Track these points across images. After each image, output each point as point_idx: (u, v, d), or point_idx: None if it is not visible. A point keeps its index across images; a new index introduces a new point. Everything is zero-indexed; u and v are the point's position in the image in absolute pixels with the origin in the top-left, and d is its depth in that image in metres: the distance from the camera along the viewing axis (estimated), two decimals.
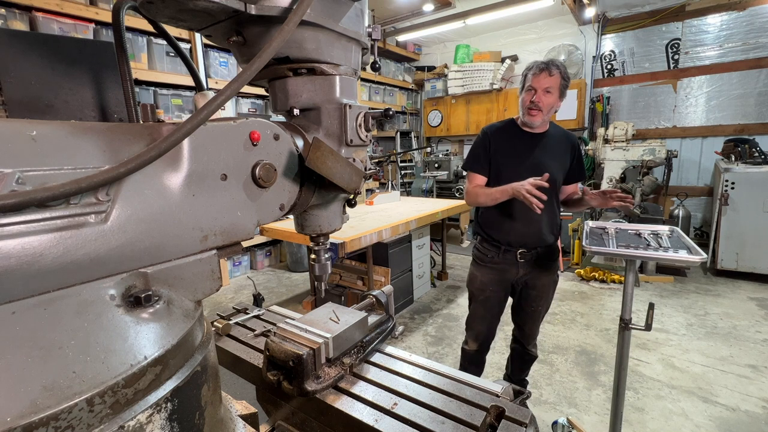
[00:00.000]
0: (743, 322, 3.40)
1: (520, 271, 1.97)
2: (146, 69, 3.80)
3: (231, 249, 0.61)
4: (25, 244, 0.37)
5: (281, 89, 0.75)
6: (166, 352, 0.47)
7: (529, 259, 1.95)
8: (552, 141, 1.93)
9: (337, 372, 0.82)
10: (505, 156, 1.91)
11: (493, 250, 1.98)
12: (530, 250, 1.94)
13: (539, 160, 1.88)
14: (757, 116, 5.02)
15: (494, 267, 1.99)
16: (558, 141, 1.94)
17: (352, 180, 0.74)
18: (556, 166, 1.89)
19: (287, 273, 5.10)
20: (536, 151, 1.90)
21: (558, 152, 1.93)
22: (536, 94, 1.79)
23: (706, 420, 2.25)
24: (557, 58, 6.07)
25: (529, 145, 1.90)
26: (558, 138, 1.95)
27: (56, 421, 0.36)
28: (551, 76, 1.77)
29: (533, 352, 2.22)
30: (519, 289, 2.08)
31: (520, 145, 1.91)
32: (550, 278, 2.05)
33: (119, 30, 0.71)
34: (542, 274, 2.01)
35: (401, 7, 5.71)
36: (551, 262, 2.03)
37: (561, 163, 1.93)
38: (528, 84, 1.82)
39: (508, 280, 2.01)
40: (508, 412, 0.71)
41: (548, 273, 2.03)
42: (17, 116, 0.65)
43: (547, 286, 2.05)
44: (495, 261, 1.98)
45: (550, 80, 1.77)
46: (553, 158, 1.91)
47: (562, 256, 5.05)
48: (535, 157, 1.89)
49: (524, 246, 1.93)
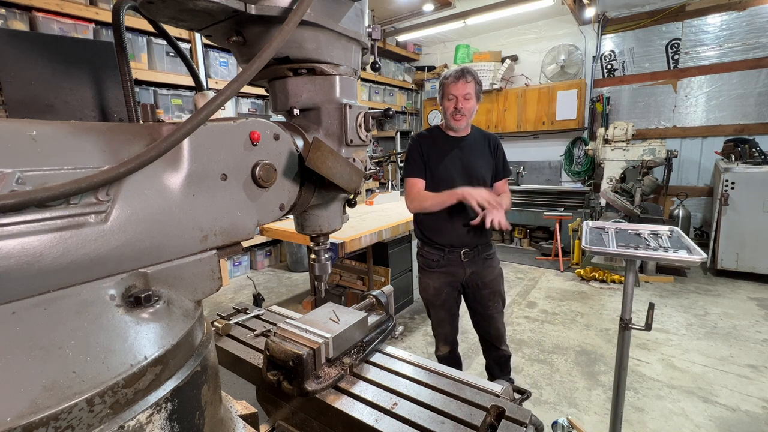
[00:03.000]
0: (743, 322, 3.40)
1: (467, 271, 2.05)
2: (146, 69, 3.79)
3: (231, 249, 0.61)
4: (25, 244, 0.37)
5: (281, 89, 0.75)
6: (166, 352, 0.47)
7: (472, 258, 2.03)
8: (475, 142, 2.04)
9: (337, 372, 0.82)
10: (436, 160, 2.01)
11: (438, 254, 2.04)
12: (472, 248, 2.02)
13: (468, 161, 2.00)
14: (757, 116, 5.01)
15: (442, 271, 2.06)
16: (480, 142, 2.06)
17: (352, 180, 0.74)
18: (483, 165, 2.03)
19: (287, 273, 5.10)
20: (464, 154, 2.01)
21: (482, 152, 2.04)
22: (458, 101, 1.91)
23: (706, 420, 2.25)
24: (558, 57, 6.09)
25: (456, 149, 2.00)
26: (479, 139, 2.06)
27: (56, 421, 0.36)
28: (467, 83, 1.89)
29: (506, 351, 2.24)
30: (470, 293, 2.13)
31: (448, 149, 2.01)
32: (494, 272, 2.12)
33: (119, 30, 0.71)
34: (486, 270, 2.08)
35: (401, 7, 5.70)
36: (491, 257, 2.12)
37: (487, 162, 2.05)
38: (448, 92, 1.92)
39: (457, 280, 2.08)
40: (508, 412, 0.71)
41: (492, 267, 2.11)
42: (17, 116, 0.65)
43: (495, 281, 2.11)
44: (441, 264, 2.05)
45: (466, 86, 1.89)
46: (480, 158, 2.03)
47: (562, 256, 5.05)
48: (464, 159, 2.00)
49: (466, 245, 2.01)
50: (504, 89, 6.41)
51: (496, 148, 2.08)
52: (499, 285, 2.14)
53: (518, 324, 3.50)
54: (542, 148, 6.58)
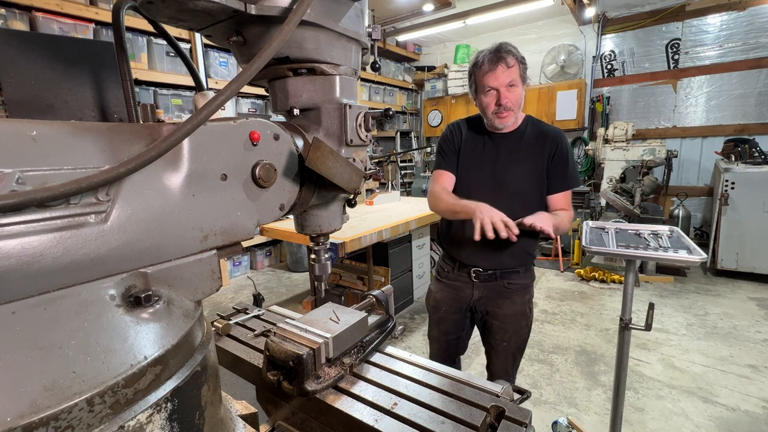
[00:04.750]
0: (743, 322, 3.40)
1: (475, 293, 1.70)
2: (146, 69, 3.79)
3: (231, 249, 0.61)
4: (25, 244, 0.37)
5: (281, 89, 0.75)
6: (166, 352, 0.47)
7: (485, 281, 1.67)
8: (522, 141, 1.60)
9: (337, 372, 0.82)
10: (467, 158, 1.65)
11: (449, 265, 1.76)
12: (485, 270, 1.66)
13: (501, 165, 1.59)
14: (757, 116, 5.02)
15: (449, 284, 1.76)
16: (531, 140, 1.59)
17: (352, 180, 0.74)
18: (522, 173, 1.58)
19: (287, 273, 5.10)
20: (500, 155, 1.60)
21: (529, 155, 1.58)
22: (500, 95, 1.49)
23: (706, 420, 2.25)
24: (558, 57, 6.08)
25: (494, 148, 1.62)
26: (531, 137, 1.60)
27: (56, 421, 0.36)
28: (509, 67, 1.46)
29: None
30: (480, 318, 1.79)
31: (483, 146, 1.63)
32: (515, 309, 1.69)
33: (119, 30, 0.71)
34: (504, 302, 1.69)
35: (401, 7, 5.70)
36: (517, 292, 1.69)
37: (532, 169, 1.58)
38: (484, 84, 1.51)
39: (463, 300, 1.74)
40: (508, 412, 0.71)
41: (512, 303, 1.69)
42: (17, 116, 0.65)
43: (512, 318, 1.70)
44: (450, 278, 1.76)
45: (509, 72, 1.47)
46: (521, 163, 1.58)
47: (562, 256, 5.05)
48: (498, 161, 1.60)
49: (478, 265, 1.66)
50: None
51: (554, 150, 1.56)
52: (518, 324, 1.71)
53: None
54: None
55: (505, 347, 1.74)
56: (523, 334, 1.74)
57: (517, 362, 1.81)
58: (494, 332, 1.75)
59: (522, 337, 1.75)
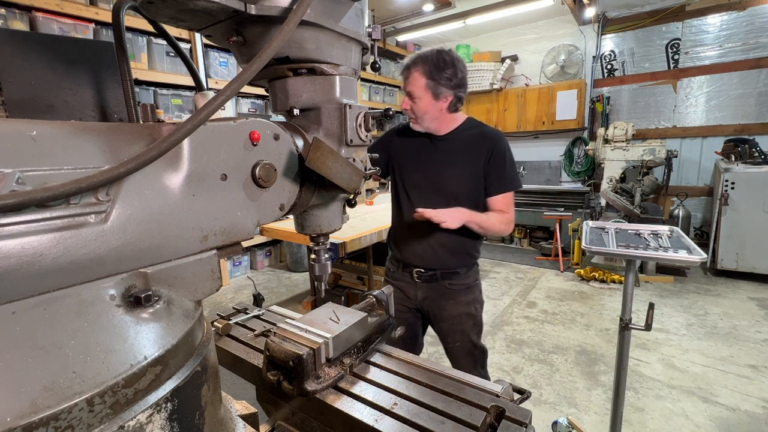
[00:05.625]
0: (743, 322, 3.40)
1: (419, 294, 1.70)
2: (146, 69, 3.79)
3: (231, 249, 0.61)
4: (25, 244, 0.37)
5: (281, 89, 0.75)
6: (166, 352, 0.47)
7: (426, 281, 1.67)
8: (459, 144, 1.59)
9: (337, 372, 0.82)
10: (404, 163, 1.66)
11: (394, 266, 1.79)
12: (427, 270, 1.66)
13: (441, 169, 1.59)
14: (757, 116, 5.02)
15: (395, 284, 1.74)
16: (468, 143, 1.58)
17: (352, 180, 0.74)
18: (461, 175, 1.58)
19: (287, 273, 5.10)
20: (440, 158, 1.60)
21: (467, 157, 1.58)
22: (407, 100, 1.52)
23: (706, 420, 2.25)
24: (557, 57, 6.08)
25: (433, 150, 1.61)
26: (468, 139, 1.59)
27: (56, 421, 0.36)
28: (408, 79, 1.50)
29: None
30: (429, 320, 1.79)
31: (420, 150, 1.63)
32: (459, 310, 1.67)
33: (119, 30, 0.71)
34: (447, 303, 1.68)
35: (401, 7, 5.70)
36: (459, 292, 1.68)
37: (470, 172, 1.57)
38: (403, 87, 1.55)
39: (410, 300, 1.74)
40: (508, 412, 0.71)
41: (455, 303, 1.67)
42: (17, 116, 0.65)
43: (457, 319, 1.68)
44: (395, 278, 1.77)
45: (410, 84, 1.49)
46: (458, 165, 1.58)
47: (562, 256, 5.05)
48: (439, 165, 1.60)
49: (419, 266, 1.67)
50: (504, 89, 6.42)
51: (492, 151, 1.55)
52: (464, 325, 1.68)
53: (518, 324, 3.50)
54: (542, 148, 6.59)
55: (459, 347, 1.73)
56: (471, 334, 1.71)
57: (479, 361, 1.75)
58: (444, 334, 1.74)
59: (470, 338, 1.71)
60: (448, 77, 1.47)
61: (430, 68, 1.46)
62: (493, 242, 6.46)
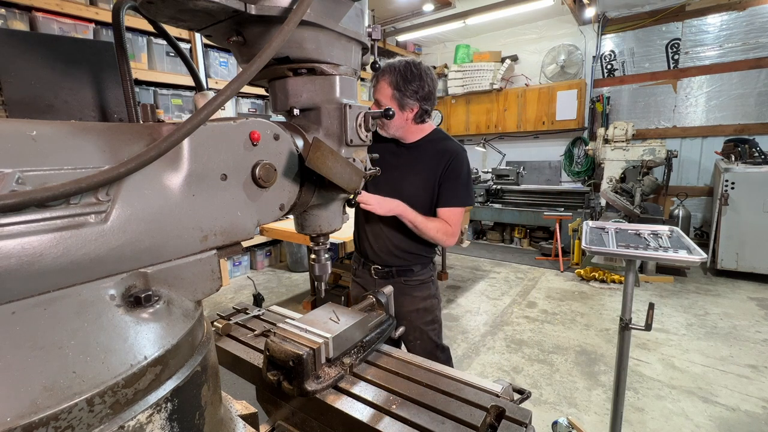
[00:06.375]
0: (743, 322, 3.40)
1: None
2: (146, 69, 3.79)
3: (231, 249, 0.61)
4: (25, 244, 0.37)
5: (281, 89, 0.75)
6: (166, 352, 0.47)
7: (383, 277, 1.72)
8: (421, 155, 1.64)
9: (337, 372, 0.82)
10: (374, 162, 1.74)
11: (356, 263, 1.85)
12: (383, 267, 1.72)
13: (402, 175, 1.64)
14: (757, 116, 5.02)
15: (357, 281, 1.84)
16: (429, 154, 1.64)
17: (352, 180, 0.74)
18: (417, 185, 1.63)
19: (287, 273, 5.10)
20: (403, 165, 1.65)
21: (425, 168, 1.63)
22: (375, 107, 1.53)
23: (706, 420, 2.25)
24: (558, 57, 6.08)
25: (398, 157, 1.67)
26: (432, 152, 1.64)
27: (56, 421, 0.36)
28: (375, 87, 1.54)
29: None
30: None
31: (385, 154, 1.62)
32: (416, 305, 1.73)
33: (119, 30, 0.71)
34: (404, 299, 1.71)
35: (401, 7, 5.70)
36: (415, 287, 1.73)
37: (426, 183, 1.62)
38: None
39: None
40: (508, 412, 0.71)
41: (412, 299, 1.73)
42: (17, 116, 0.65)
43: (415, 314, 1.73)
44: (357, 274, 1.85)
45: (376, 92, 1.53)
46: (417, 175, 1.63)
47: (562, 256, 5.05)
48: (400, 171, 1.64)
49: (377, 262, 1.73)
50: (504, 89, 6.42)
51: (447, 165, 1.59)
52: (421, 320, 1.73)
53: (518, 324, 3.50)
54: (542, 148, 6.59)
55: (420, 346, 1.75)
56: (429, 331, 1.75)
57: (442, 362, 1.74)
58: (407, 333, 1.74)
59: (429, 336, 1.75)
60: (414, 89, 1.50)
61: (397, 79, 1.49)
62: (493, 242, 6.47)
